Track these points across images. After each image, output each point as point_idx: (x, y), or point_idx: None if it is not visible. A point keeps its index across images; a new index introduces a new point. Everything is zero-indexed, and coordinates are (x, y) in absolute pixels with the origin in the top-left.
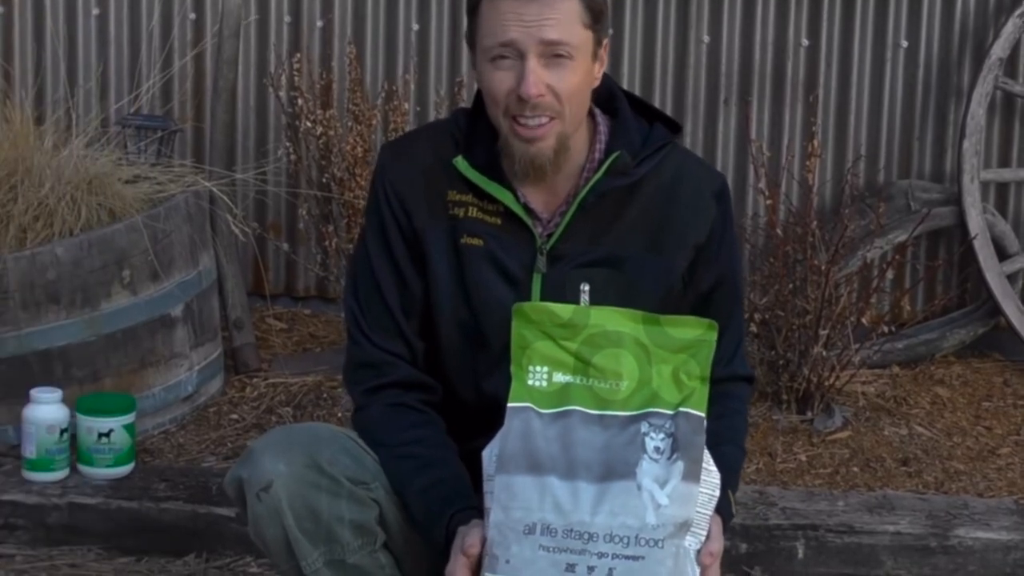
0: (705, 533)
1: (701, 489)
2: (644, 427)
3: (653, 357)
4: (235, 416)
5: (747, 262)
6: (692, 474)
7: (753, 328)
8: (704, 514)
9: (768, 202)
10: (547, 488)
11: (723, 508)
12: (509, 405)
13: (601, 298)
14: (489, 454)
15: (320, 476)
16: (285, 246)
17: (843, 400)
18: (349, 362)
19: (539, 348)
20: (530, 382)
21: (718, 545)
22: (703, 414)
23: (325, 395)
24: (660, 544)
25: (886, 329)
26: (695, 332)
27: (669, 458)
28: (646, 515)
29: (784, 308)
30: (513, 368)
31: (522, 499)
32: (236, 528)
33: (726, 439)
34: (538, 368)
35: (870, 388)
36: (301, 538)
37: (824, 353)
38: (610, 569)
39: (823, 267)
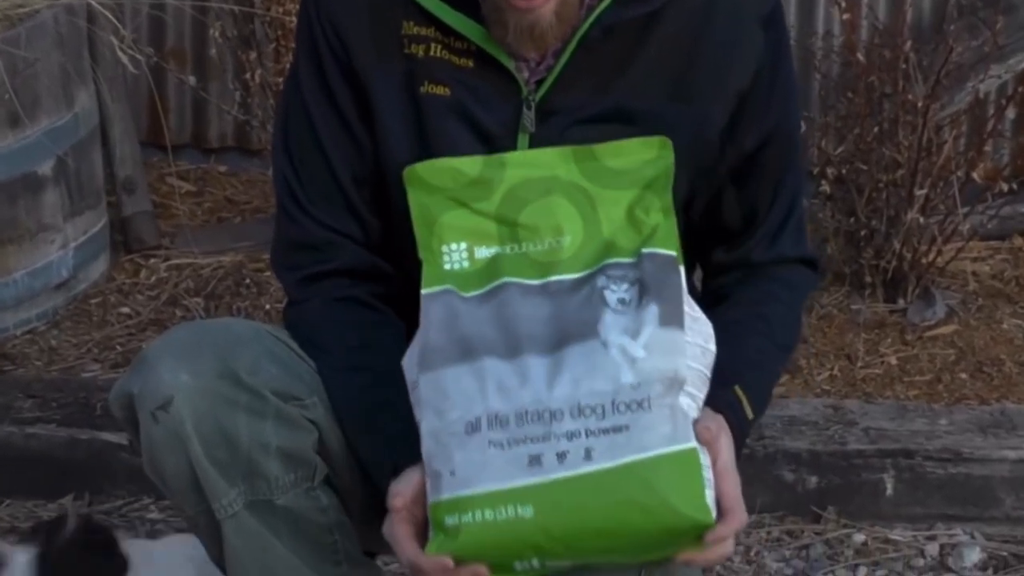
0: (704, 396)
1: (688, 338)
2: (601, 281)
3: (597, 200)
4: (126, 310)
5: (816, 99)
6: (672, 317)
7: (824, 188)
8: (701, 371)
9: (845, 17)
10: (486, 373)
11: (731, 410)
12: (423, 293)
13: None
14: (409, 361)
15: (238, 389)
16: (191, 80)
17: (947, 283)
18: (280, 242)
19: (449, 221)
20: (447, 266)
21: (726, 458)
22: (673, 252)
23: (247, 280)
24: (647, 405)
25: (1005, 187)
26: (643, 155)
27: (638, 306)
28: (620, 374)
29: (867, 160)
30: (422, 253)
31: (456, 394)
32: (129, 460)
33: (754, 331)
34: (454, 246)
35: (983, 267)
36: (212, 472)
37: (921, 220)
38: (587, 450)
39: (920, 104)
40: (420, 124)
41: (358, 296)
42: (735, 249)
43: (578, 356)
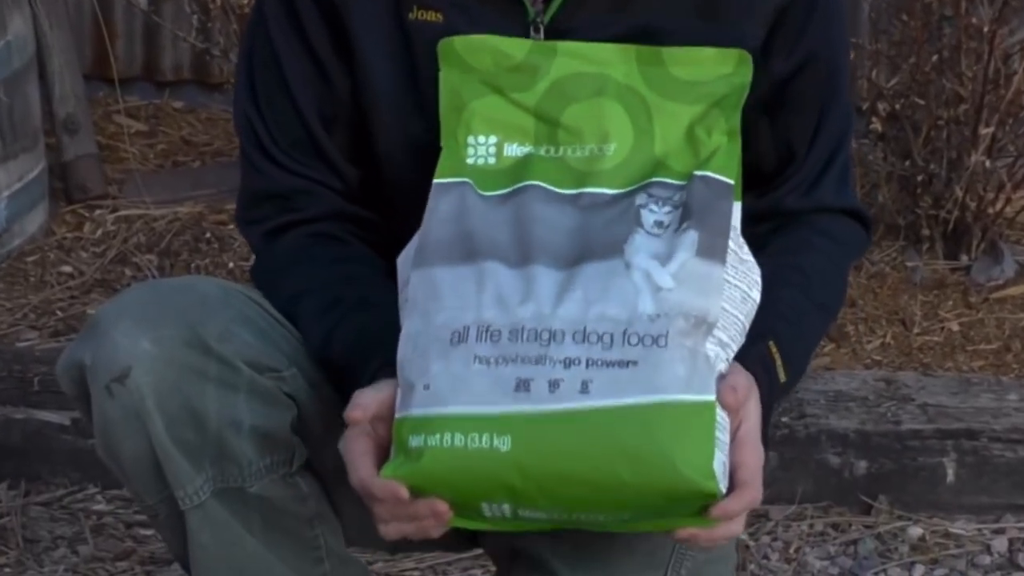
0: (737, 348)
1: (728, 277)
2: (640, 199)
3: (655, 111)
4: (67, 269)
5: (865, 22)
6: (712, 248)
7: (875, 126)
8: (738, 319)
9: None
10: (487, 277)
11: (762, 367)
12: (436, 181)
13: None
14: (404, 257)
15: (206, 359)
16: (142, 1)
17: (1017, 236)
18: (244, 194)
19: (481, 109)
20: (470, 160)
21: (751, 425)
22: (731, 180)
23: (208, 235)
24: (663, 341)
25: None
26: (717, 68)
27: (676, 229)
28: (639, 301)
29: (924, 94)
30: (444, 140)
31: (449, 296)
32: (72, 442)
33: (787, 282)
34: (481, 139)
35: None
36: (176, 455)
37: (987, 163)
38: (584, 383)
39: (986, 29)
40: (408, 57)
41: (334, 233)
42: (768, 194)
43: (594, 275)
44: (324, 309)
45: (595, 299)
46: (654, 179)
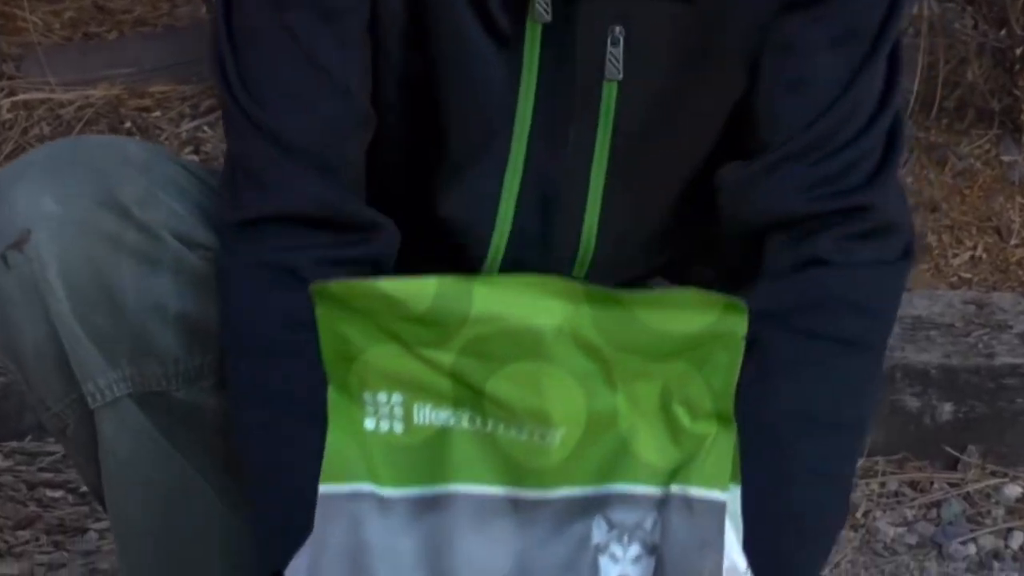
0: None
1: None
2: (599, 531)
3: (616, 369)
4: None
5: None
6: None
7: None
8: None
9: None
10: None
11: None
12: (321, 490)
13: (648, 52)
14: None
15: (123, 224)
16: None
17: None
18: (226, 163)
19: (378, 359)
20: (369, 424)
21: None
22: (721, 494)
23: (128, 123)
24: None
25: None
26: (697, 315)
27: None
28: None
29: None
30: (332, 392)
31: None
32: None
33: (802, 467)
34: (382, 396)
35: None
36: (85, 341)
37: None
38: None
39: None
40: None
41: (302, 274)
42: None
43: None
44: (252, 393)
45: None
46: (614, 487)
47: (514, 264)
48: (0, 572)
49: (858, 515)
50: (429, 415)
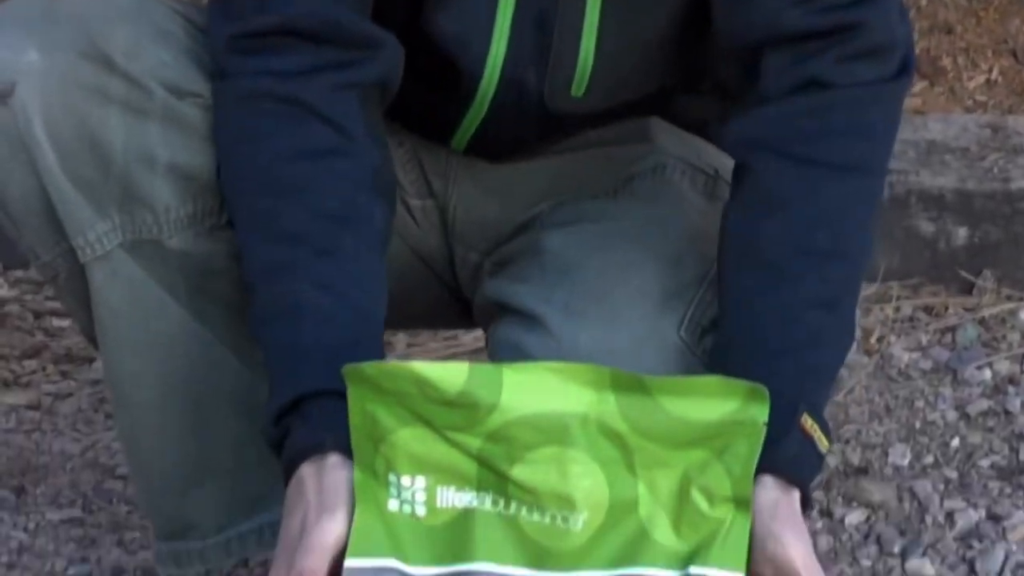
0: None
1: None
2: None
3: (639, 459)
4: None
5: None
6: None
7: None
8: None
9: None
10: None
11: (803, 467)
12: (349, 563)
13: None
14: None
15: (108, 75)
16: None
17: None
18: None
19: (406, 442)
20: (393, 506)
21: (798, 551)
22: (739, 574)
23: None
24: None
25: None
26: (719, 402)
27: None
28: None
29: None
30: (358, 471)
31: None
32: None
33: (803, 297)
34: (406, 481)
35: None
36: (73, 195)
37: None
38: None
39: None
40: None
41: (307, 101)
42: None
43: None
44: (266, 234)
45: None
46: (635, 571)
47: (512, 87)
48: (7, 402)
49: (872, 340)
50: (452, 497)
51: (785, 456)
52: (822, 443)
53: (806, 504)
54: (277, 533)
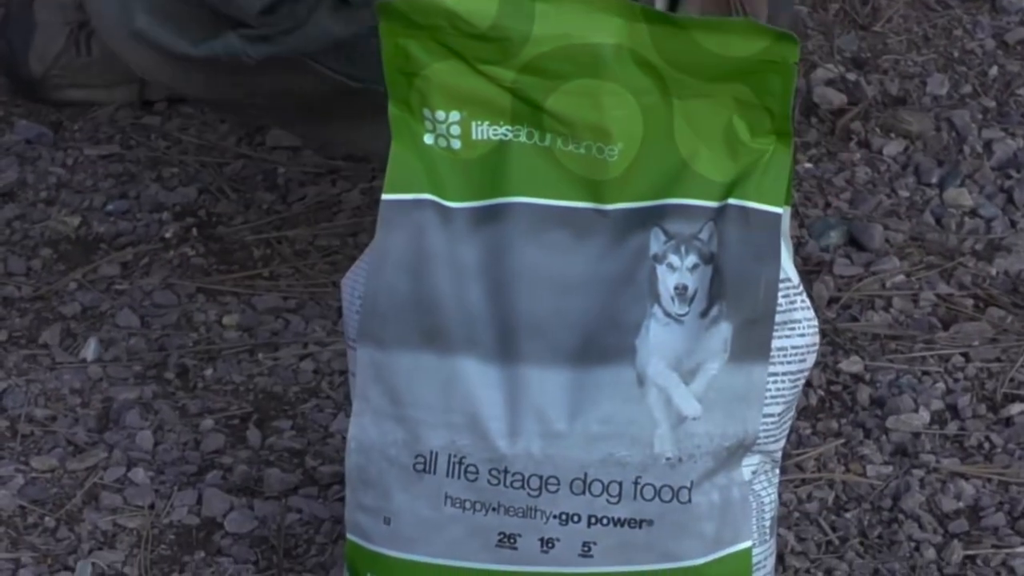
0: (781, 447)
1: (773, 370)
2: (656, 241)
3: (674, 90)
4: None
5: None
6: (753, 345)
7: None
8: (779, 419)
9: None
10: (457, 379)
11: None
12: (385, 199)
13: None
14: (351, 292)
15: None
16: None
17: None
18: None
19: (441, 75)
20: (428, 139)
21: None
22: (777, 207)
23: None
24: (684, 495)
25: None
26: (754, 45)
27: (703, 313)
28: (654, 438)
29: None
30: (393, 107)
31: (409, 398)
32: None
33: None
34: (440, 115)
35: None
36: None
37: None
38: (586, 544)
39: None
40: None
41: None
42: None
43: (598, 393)
44: None
45: (599, 433)
46: (673, 201)
47: None
48: None
49: None
50: (487, 131)
51: None
52: None
53: None
54: None
